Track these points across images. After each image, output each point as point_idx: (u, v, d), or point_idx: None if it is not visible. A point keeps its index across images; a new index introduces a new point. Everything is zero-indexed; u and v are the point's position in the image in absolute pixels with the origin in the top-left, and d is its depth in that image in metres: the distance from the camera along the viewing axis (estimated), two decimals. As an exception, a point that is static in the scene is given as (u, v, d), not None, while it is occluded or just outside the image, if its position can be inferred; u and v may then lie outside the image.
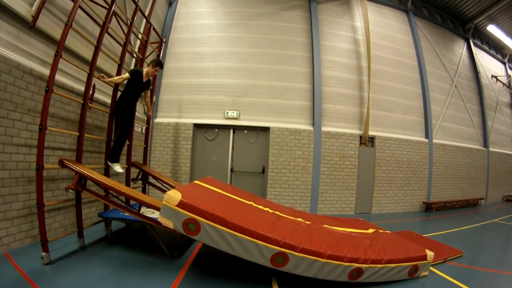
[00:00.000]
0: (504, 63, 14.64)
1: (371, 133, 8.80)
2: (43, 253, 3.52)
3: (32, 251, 3.83)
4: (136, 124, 6.31)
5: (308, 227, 4.12)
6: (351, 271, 3.33)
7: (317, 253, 3.20)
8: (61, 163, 3.96)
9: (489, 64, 13.65)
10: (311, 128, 8.34)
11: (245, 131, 8.40)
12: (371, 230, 4.81)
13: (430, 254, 3.91)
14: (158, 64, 5.08)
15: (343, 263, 3.27)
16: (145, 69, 5.04)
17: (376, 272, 3.47)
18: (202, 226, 3.10)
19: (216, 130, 8.42)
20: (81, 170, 3.90)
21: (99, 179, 3.92)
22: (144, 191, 6.41)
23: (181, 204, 3.11)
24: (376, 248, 3.78)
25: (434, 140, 10.11)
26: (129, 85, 4.88)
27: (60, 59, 3.74)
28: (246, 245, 3.12)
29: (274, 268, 3.20)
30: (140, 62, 6.23)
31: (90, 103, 4.59)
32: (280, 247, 3.12)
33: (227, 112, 8.31)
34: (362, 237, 4.31)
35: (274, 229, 3.44)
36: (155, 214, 4.21)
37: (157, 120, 8.42)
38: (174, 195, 3.14)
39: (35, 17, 4.03)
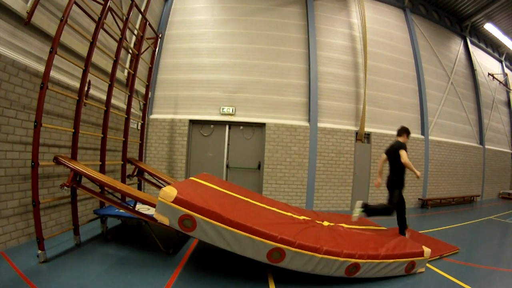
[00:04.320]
0: (500, 61, 14.70)
1: (367, 129, 8.82)
2: (39, 251, 3.50)
3: (28, 250, 3.80)
4: (131, 120, 6.28)
5: (304, 223, 4.13)
6: (348, 267, 3.35)
7: (313, 248, 3.21)
8: (56, 160, 3.93)
9: (485, 62, 13.70)
10: (307, 124, 8.34)
11: (241, 127, 8.39)
12: (367, 226, 4.84)
13: (427, 250, 3.94)
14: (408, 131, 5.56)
15: (339, 258, 3.29)
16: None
17: (373, 268, 3.50)
18: (198, 222, 3.09)
19: (212, 126, 8.40)
20: (76, 167, 3.88)
21: (94, 176, 3.90)
22: (139, 188, 6.40)
23: (176, 201, 3.10)
24: (373, 244, 3.80)
25: (430, 137, 10.15)
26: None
27: (55, 55, 3.70)
28: (242, 241, 3.11)
29: (271, 264, 3.21)
30: (135, 57, 6.17)
31: (85, 99, 4.56)
32: (276, 242, 3.12)
33: (223, 108, 8.29)
34: (359, 233, 4.33)
35: (271, 225, 3.44)
36: (150, 211, 4.20)
37: (153, 116, 8.39)
38: (169, 192, 3.13)
39: (30, 13, 3.98)
